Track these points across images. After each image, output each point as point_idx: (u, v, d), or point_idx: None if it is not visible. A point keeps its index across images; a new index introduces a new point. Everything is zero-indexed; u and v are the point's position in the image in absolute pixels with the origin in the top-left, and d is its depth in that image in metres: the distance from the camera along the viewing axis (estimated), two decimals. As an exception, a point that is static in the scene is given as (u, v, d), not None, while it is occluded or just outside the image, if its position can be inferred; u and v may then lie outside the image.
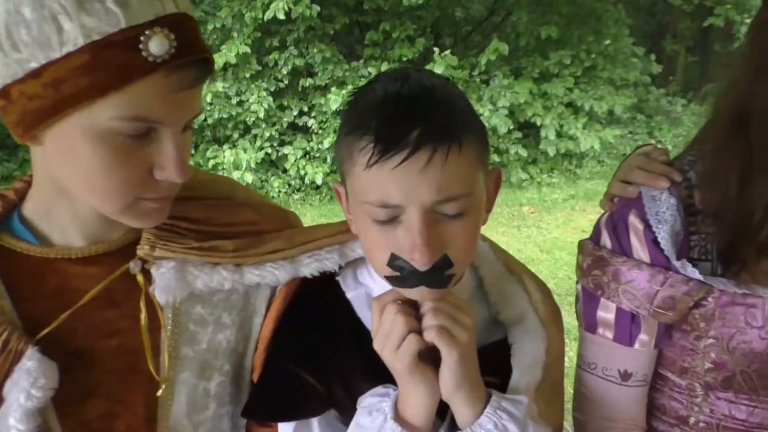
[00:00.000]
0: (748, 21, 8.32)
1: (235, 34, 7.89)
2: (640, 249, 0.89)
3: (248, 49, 7.76)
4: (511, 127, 7.84)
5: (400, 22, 8.43)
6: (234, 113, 7.95)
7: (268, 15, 7.32)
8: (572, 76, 8.28)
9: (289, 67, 8.04)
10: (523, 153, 7.98)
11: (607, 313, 0.93)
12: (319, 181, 7.69)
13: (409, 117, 0.76)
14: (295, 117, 8.25)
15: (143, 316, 0.87)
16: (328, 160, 7.95)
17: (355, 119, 0.80)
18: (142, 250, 0.88)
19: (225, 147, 7.98)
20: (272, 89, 8.12)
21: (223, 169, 7.67)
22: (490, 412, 0.82)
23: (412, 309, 0.81)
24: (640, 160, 0.96)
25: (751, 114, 0.81)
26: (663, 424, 1.00)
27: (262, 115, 7.79)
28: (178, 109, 0.77)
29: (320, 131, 8.05)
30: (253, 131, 8.07)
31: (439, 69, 7.43)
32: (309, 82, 8.14)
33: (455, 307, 0.81)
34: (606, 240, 0.93)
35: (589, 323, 0.95)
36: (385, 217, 0.78)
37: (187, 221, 0.91)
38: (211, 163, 7.82)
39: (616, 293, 0.90)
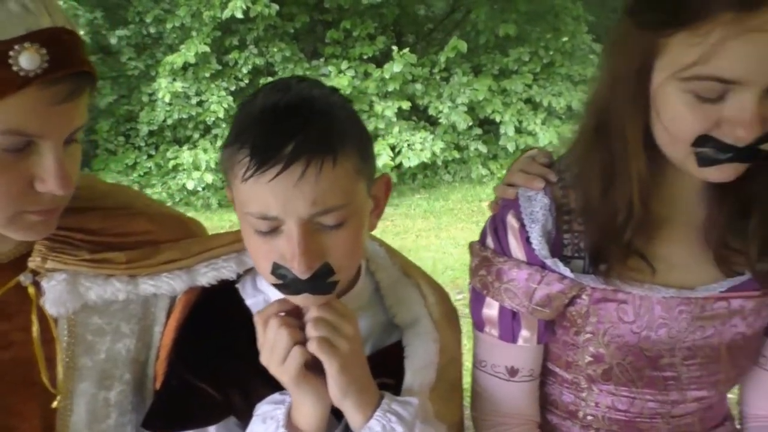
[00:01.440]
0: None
1: (194, 33, 7.82)
2: (517, 249, 0.93)
3: (207, 49, 7.71)
4: (471, 124, 7.92)
5: (361, 20, 8.45)
6: (194, 113, 7.89)
7: (227, 14, 7.28)
8: (531, 73, 8.39)
9: (249, 67, 8.00)
10: (483, 149, 8.07)
11: (491, 311, 0.96)
12: (280, 181, 7.65)
13: (284, 130, 0.78)
14: (256, 116, 8.20)
15: (35, 328, 0.88)
16: (290, 159, 7.93)
17: (235, 131, 0.82)
18: (33, 262, 0.88)
19: (185, 147, 7.91)
20: (232, 89, 8.08)
21: (184, 169, 7.60)
22: (380, 415, 0.84)
23: (297, 319, 0.83)
24: (522, 163, 0.99)
25: (609, 121, 0.84)
26: (556, 418, 1.04)
27: (222, 115, 7.74)
28: (57, 122, 0.77)
29: (281, 130, 8.01)
30: (213, 131, 8.02)
31: (398, 67, 7.48)
32: (270, 81, 8.08)
33: (338, 316, 0.83)
34: (490, 241, 0.96)
35: (477, 322, 0.99)
36: (267, 228, 0.80)
37: (83, 232, 0.92)
38: (171, 163, 7.75)
39: (499, 292, 0.93)
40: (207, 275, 0.97)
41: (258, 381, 0.90)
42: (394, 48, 7.69)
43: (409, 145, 7.65)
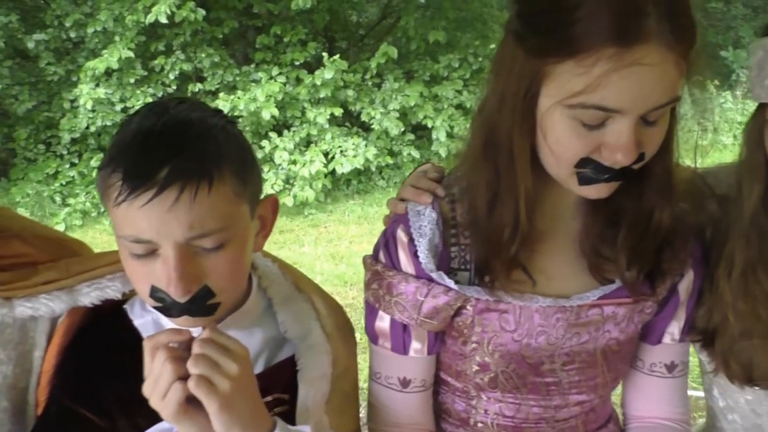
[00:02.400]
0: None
1: (117, 38, 7.58)
2: (406, 262, 0.94)
3: (132, 54, 7.48)
4: (403, 130, 7.99)
5: (291, 26, 8.39)
6: (118, 120, 7.63)
7: (150, 18, 7.09)
8: (461, 79, 8.52)
9: (177, 72, 7.82)
10: (416, 154, 8.15)
11: (383, 324, 0.98)
12: (211, 189, 7.51)
13: (158, 154, 0.77)
14: (185, 123, 8.03)
15: None
16: (221, 166, 7.79)
17: (110, 154, 0.80)
18: None
19: (110, 156, 7.65)
20: (159, 95, 7.86)
21: (109, 178, 7.35)
22: None
23: (187, 351, 0.80)
24: (413, 178, 1.01)
25: (497, 140, 0.85)
26: (450, 426, 1.06)
27: (148, 122, 7.53)
28: None
29: (212, 137, 7.87)
30: (141, 138, 7.79)
31: (329, 73, 7.46)
32: (198, 87, 7.94)
33: (220, 353, 0.79)
34: (381, 255, 0.97)
35: (371, 334, 1.00)
36: (142, 251, 0.79)
37: None
38: (96, 172, 7.47)
39: (390, 305, 0.95)
40: (90, 295, 0.94)
41: (146, 406, 0.87)
42: (325, 54, 7.67)
43: (342, 151, 7.64)
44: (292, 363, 1.00)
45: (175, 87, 7.96)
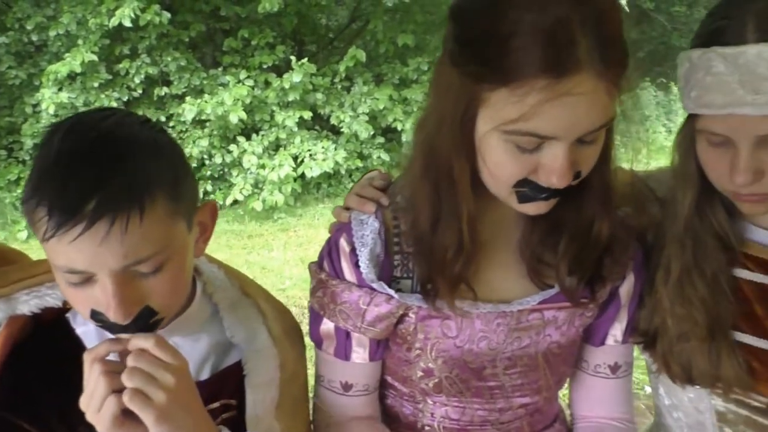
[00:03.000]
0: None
1: (80, 42, 7.46)
2: (348, 271, 0.94)
3: (95, 57, 7.36)
4: (373, 133, 7.99)
5: (259, 29, 8.35)
6: (83, 125, 7.51)
7: (114, 22, 6.98)
8: (430, 82, 8.56)
9: (142, 76, 7.72)
10: (386, 157, 8.16)
11: (327, 329, 0.98)
12: (178, 193, 7.44)
13: (83, 184, 0.74)
14: (152, 127, 7.93)
15: None
16: (189, 170, 7.71)
17: (32, 183, 0.77)
18: None
19: (74, 161, 7.51)
20: (125, 99, 7.76)
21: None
22: None
23: (123, 364, 0.79)
24: (358, 186, 1.01)
25: (437, 160, 0.85)
26: (398, 429, 1.06)
27: (113, 126, 7.42)
28: None
29: (178, 141, 7.75)
30: (105, 143, 7.67)
31: (297, 77, 7.44)
32: (164, 91, 7.85)
33: (156, 366, 0.78)
34: (325, 264, 0.97)
35: (316, 340, 1.00)
36: (78, 280, 0.78)
37: None
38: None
39: (334, 313, 0.95)
40: (29, 303, 0.93)
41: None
42: (293, 58, 7.64)
43: (311, 155, 7.62)
44: (240, 368, 0.99)
45: (140, 91, 7.87)
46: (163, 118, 7.95)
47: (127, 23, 6.99)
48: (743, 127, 0.82)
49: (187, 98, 7.50)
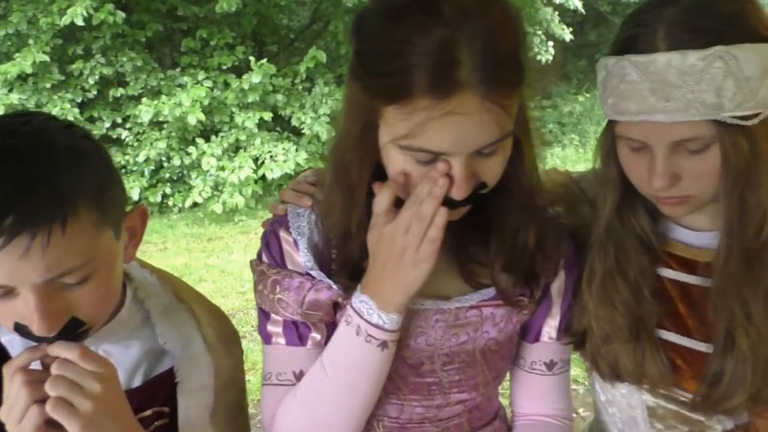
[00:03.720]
0: (539, 32, 9.17)
1: (31, 41, 7.26)
2: (289, 260, 0.95)
3: (47, 58, 7.17)
4: (334, 134, 7.96)
5: (218, 29, 8.25)
6: (35, 127, 7.30)
7: (65, 21, 6.81)
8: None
9: (97, 77, 7.55)
10: (347, 159, 8.15)
11: (275, 323, 0.96)
12: (135, 197, 7.30)
13: (2, 198, 0.71)
14: (107, 129, 7.78)
15: None
16: (146, 173, 7.58)
17: None
18: None
19: (26, 163, 7.30)
20: (79, 100, 7.59)
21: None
22: None
23: (47, 372, 0.77)
24: (294, 182, 1.04)
25: (344, 170, 0.87)
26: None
27: (67, 128, 7.23)
28: None
29: (136, 143, 7.66)
30: (59, 145, 7.48)
31: (256, 78, 7.37)
32: (120, 92, 7.70)
33: (81, 373, 0.77)
34: (264, 255, 0.97)
35: (263, 335, 0.98)
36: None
37: None
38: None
39: (274, 303, 0.94)
40: None
41: None
42: (252, 59, 7.57)
43: (272, 156, 7.55)
44: (173, 375, 0.98)
45: (95, 92, 7.70)
46: (119, 120, 7.80)
47: (80, 22, 6.82)
48: (657, 134, 0.84)
49: (144, 99, 7.36)
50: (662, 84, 0.80)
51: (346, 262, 0.91)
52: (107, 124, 7.77)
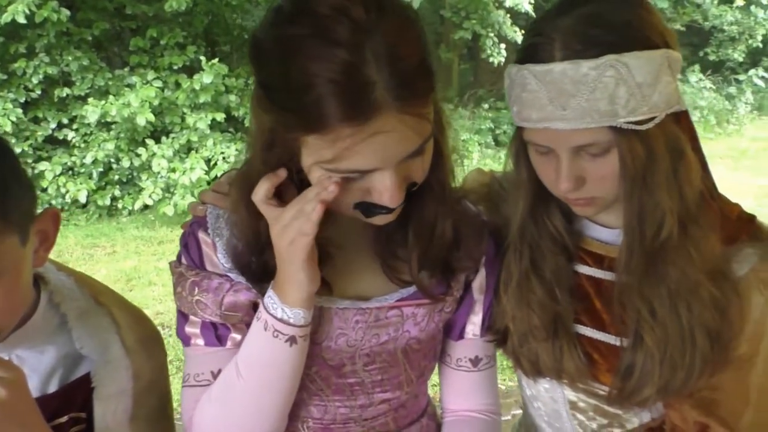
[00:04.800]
0: (491, 35, 9.30)
1: (-30, 40, 7.00)
2: (207, 261, 0.94)
3: (-13, 56, 6.93)
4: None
5: (169, 28, 8.10)
6: (-24, 129, 7.04)
7: (6, 18, 6.59)
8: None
9: (41, 76, 7.32)
10: (302, 160, 8.10)
11: (194, 325, 0.95)
12: (83, 199, 7.12)
13: None
14: (53, 130, 7.55)
15: None
16: (94, 175, 7.39)
17: None
18: None
19: (-34, 166, 7.03)
20: (22, 100, 7.34)
21: (-35, 191, 6.75)
22: None
23: None
24: (216, 183, 1.02)
25: (253, 179, 0.86)
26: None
27: (9, 128, 6.97)
28: None
29: (83, 145, 7.45)
30: (1, 147, 7.22)
31: (208, 78, 7.26)
32: (66, 91, 7.48)
33: None
34: (183, 257, 0.96)
35: (183, 337, 0.97)
36: None
37: None
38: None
39: (192, 305, 0.93)
40: None
41: None
42: (203, 59, 7.45)
43: (224, 157, 7.44)
44: (90, 380, 0.96)
45: (39, 91, 7.47)
46: (65, 120, 7.58)
47: (21, 20, 6.60)
48: (559, 140, 0.86)
49: (90, 100, 7.18)
50: (559, 93, 0.82)
51: (261, 270, 0.91)
52: (53, 125, 7.54)
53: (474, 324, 1.05)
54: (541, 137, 0.88)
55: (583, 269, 1.00)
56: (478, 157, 8.75)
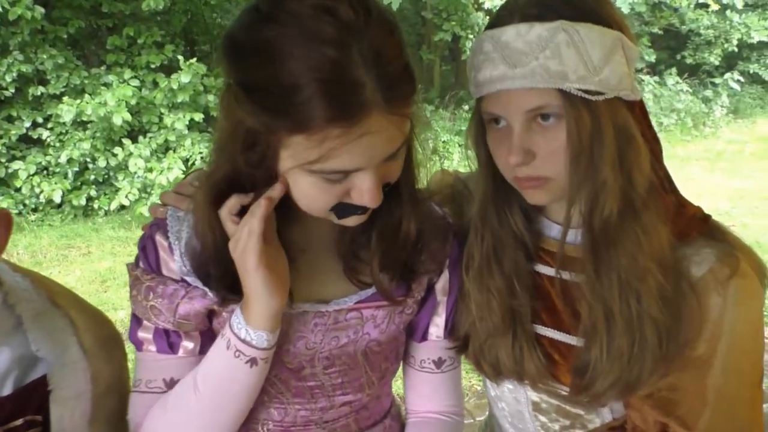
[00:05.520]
0: (471, 36, 9.33)
1: (-58, 37, 6.88)
2: (165, 266, 0.93)
3: (-41, 54, 6.81)
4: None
5: (147, 27, 8.02)
6: (-53, 127, 6.93)
7: (-21, 15, 6.49)
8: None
9: (15, 74, 7.20)
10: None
11: (146, 330, 0.94)
12: (57, 199, 7.02)
13: None
14: (27, 129, 7.45)
15: None
16: (70, 175, 7.29)
17: None
18: None
19: (-63, 165, 6.92)
20: (-4, 98, 7.23)
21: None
22: None
23: None
24: (178, 185, 1.00)
25: (219, 182, 0.84)
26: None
27: (-18, 127, 6.89)
28: None
29: (58, 144, 7.35)
30: (-26, 145, 7.11)
31: (185, 78, 7.21)
32: (41, 90, 7.38)
33: None
34: (141, 260, 0.95)
35: (135, 342, 0.96)
36: None
37: None
38: None
39: (147, 310, 0.92)
40: None
41: None
42: (180, 58, 7.39)
43: (202, 157, 7.37)
44: (46, 382, 0.94)
45: (13, 90, 7.35)
46: (40, 119, 7.47)
47: (-5, 17, 6.51)
48: (510, 105, 0.86)
49: (65, 98, 7.08)
50: (511, 52, 0.84)
51: (221, 273, 0.89)
52: (27, 124, 7.43)
53: (437, 326, 1.05)
54: (494, 104, 0.88)
55: (544, 269, 1.00)
56: (458, 158, 8.78)
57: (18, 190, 7.15)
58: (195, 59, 7.46)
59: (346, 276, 0.96)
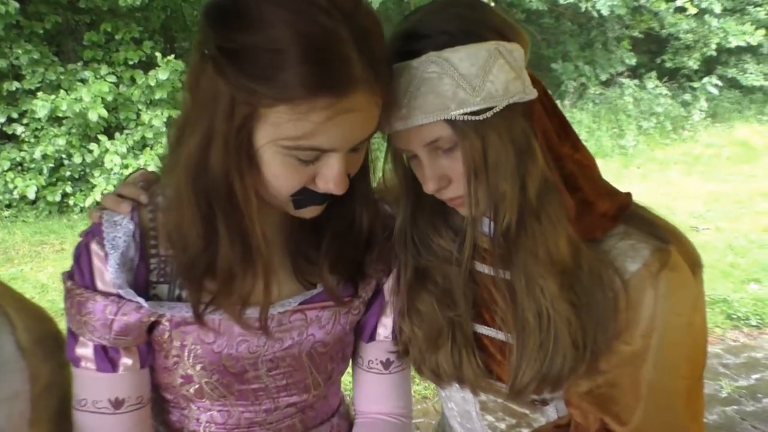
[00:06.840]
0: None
1: None
2: (99, 278, 0.88)
3: (-68, 47, 6.70)
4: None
5: (124, 23, 7.94)
6: None
7: (-48, 9, 6.39)
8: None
9: (-11, 69, 7.12)
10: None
11: (84, 346, 0.90)
12: (32, 195, 6.93)
13: None
14: (2, 124, 7.34)
15: None
16: (45, 171, 7.20)
17: None
18: None
19: None
20: (-31, 93, 7.12)
21: None
22: None
23: None
24: (120, 186, 0.95)
25: (208, 177, 0.79)
26: (167, 436, 1.02)
27: (-44, 123, 6.78)
28: None
29: (33, 140, 7.26)
30: (-53, 141, 7.01)
31: (163, 74, 7.15)
32: (15, 85, 7.28)
33: None
34: (75, 272, 0.90)
35: (73, 358, 0.92)
36: None
37: None
38: None
39: (81, 325, 0.88)
40: None
41: None
42: (158, 55, 7.33)
43: (180, 155, 7.35)
44: None
45: (-12, 85, 7.26)
46: (15, 115, 7.37)
47: (-31, 11, 6.41)
48: (410, 140, 0.87)
49: (40, 94, 6.99)
50: (396, 93, 0.84)
51: (205, 268, 0.85)
52: (2, 119, 7.34)
53: (385, 326, 1.04)
54: (398, 141, 0.89)
55: (482, 267, 0.99)
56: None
57: (-9, 185, 7.06)
58: (173, 56, 7.40)
59: (294, 276, 0.94)
